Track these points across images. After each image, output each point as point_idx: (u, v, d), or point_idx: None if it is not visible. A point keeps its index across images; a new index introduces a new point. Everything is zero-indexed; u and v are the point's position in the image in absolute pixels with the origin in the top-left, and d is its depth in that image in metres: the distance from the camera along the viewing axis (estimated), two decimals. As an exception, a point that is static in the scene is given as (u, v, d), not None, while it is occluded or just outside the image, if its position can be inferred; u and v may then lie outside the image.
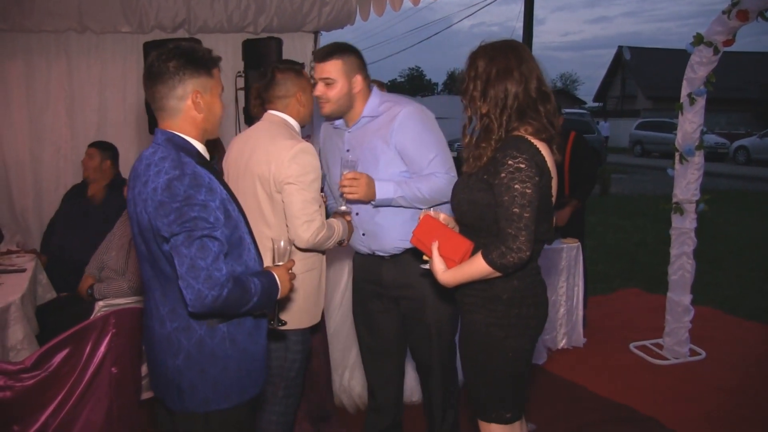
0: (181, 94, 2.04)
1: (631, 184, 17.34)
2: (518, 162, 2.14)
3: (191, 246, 1.89)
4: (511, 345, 2.31)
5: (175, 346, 2.06)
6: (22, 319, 3.45)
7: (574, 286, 5.01)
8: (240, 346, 2.12)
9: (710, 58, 4.46)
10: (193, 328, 2.05)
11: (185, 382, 2.06)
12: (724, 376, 4.53)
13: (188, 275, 1.88)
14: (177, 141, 2.05)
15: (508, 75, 2.23)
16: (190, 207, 1.90)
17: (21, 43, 5.49)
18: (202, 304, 1.90)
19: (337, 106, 2.88)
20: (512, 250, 2.12)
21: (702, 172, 4.72)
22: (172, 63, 2.01)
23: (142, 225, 2.01)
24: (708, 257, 7.94)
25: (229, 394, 2.11)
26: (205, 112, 2.08)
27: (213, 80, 2.10)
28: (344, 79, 2.83)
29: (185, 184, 1.92)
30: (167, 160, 1.97)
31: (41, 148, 5.68)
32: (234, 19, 5.70)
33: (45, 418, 2.83)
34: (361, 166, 2.84)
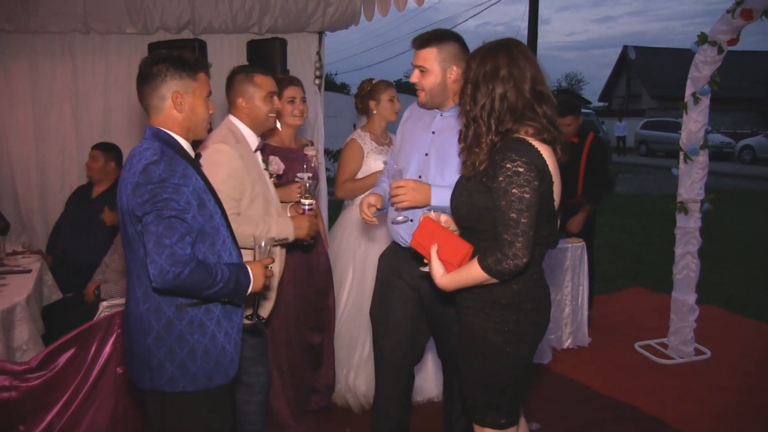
0: (163, 94, 2.20)
1: (636, 184, 17.31)
2: (517, 165, 2.09)
3: (159, 224, 2.01)
4: (508, 351, 2.26)
5: (146, 326, 2.16)
6: (27, 320, 3.46)
7: (579, 285, 5.00)
8: (208, 333, 2.20)
9: (714, 57, 4.46)
10: (162, 310, 2.15)
11: (154, 361, 2.16)
12: (729, 376, 4.52)
13: (153, 251, 2.00)
14: (161, 135, 2.20)
15: (495, 76, 2.18)
16: (163, 189, 2.04)
17: (26, 44, 5.50)
18: (164, 280, 2.00)
19: (430, 96, 2.82)
20: (508, 257, 2.07)
21: (707, 172, 4.71)
22: (157, 66, 2.20)
23: (122, 209, 2.15)
24: (713, 256, 7.92)
25: (196, 378, 2.18)
26: (186, 112, 2.23)
27: (197, 83, 2.25)
28: (439, 68, 2.76)
29: (160, 168, 2.06)
30: (149, 150, 2.12)
31: (46, 148, 5.69)
32: (238, 20, 5.70)
33: (51, 418, 2.86)
34: (445, 149, 2.80)
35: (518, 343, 2.26)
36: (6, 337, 3.30)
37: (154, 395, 2.22)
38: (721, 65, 4.53)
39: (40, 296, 4.08)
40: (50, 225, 5.39)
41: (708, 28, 4.49)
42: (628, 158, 25.93)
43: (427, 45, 2.76)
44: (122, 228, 2.20)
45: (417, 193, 2.68)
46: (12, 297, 3.49)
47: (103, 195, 4.75)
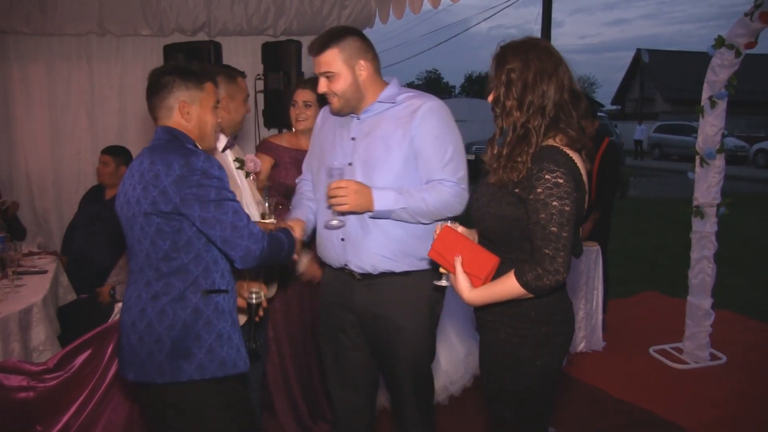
0: (170, 104, 2.24)
1: (650, 187, 17.21)
2: (556, 177, 1.95)
3: (226, 211, 2.10)
4: (537, 365, 2.14)
5: (171, 318, 2.14)
6: (44, 320, 3.48)
7: (594, 289, 4.98)
8: (228, 319, 2.24)
9: (732, 60, 4.42)
10: (188, 298, 2.15)
11: (181, 350, 2.14)
12: (745, 381, 4.49)
13: (233, 236, 2.11)
14: (176, 133, 2.23)
15: (548, 78, 2.03)
16: (209, 178, 2.09)
17: (43, 47, 5.56)
18: (252, 257, 2.15)
19: (344, 100, 2.56)
20: (549, 273, 1.95)
21: (723, 176, 4.68)
22: (164, 77, 2.24)
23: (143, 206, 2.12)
24: (729, 261, 7.84)
25: (225, 363, 2.19)
26: (194, 121, 2.26)
27: (203, 93, 2.27)
28: (346, 68, 2.51)
29: (201, 159, 2.10)
30: (172, 144, 2.17)
31: (62, 150, 5.75)
32: (254, 22, 5.72)
33: (67, 418, 2.86)
34: (368, 157, 2.55)
35: (548, 356, 2.15)
36: (23, 337, 3.31)
37: (171, 389, 2.17)
38: (737, 69, 4.50)
39: (55, 297, 4.09)
40: (65, 226, 5.42)
41: (722, 31, 4.46)
42: (641, 162, 25.81)
43: (326, 47, 2.51)
44: (137, 231, 2.16)
45: (360, 197, 2.41)
46: (29, 298, 3.50)
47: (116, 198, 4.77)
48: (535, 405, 2.21)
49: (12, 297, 3.50)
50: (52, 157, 5.72)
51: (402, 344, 2.64)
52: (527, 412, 2.21)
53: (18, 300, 3.46)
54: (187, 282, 2.15)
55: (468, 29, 52.76)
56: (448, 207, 2.53)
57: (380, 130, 2.57)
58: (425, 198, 2.48)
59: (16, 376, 2.79)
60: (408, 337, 2.64)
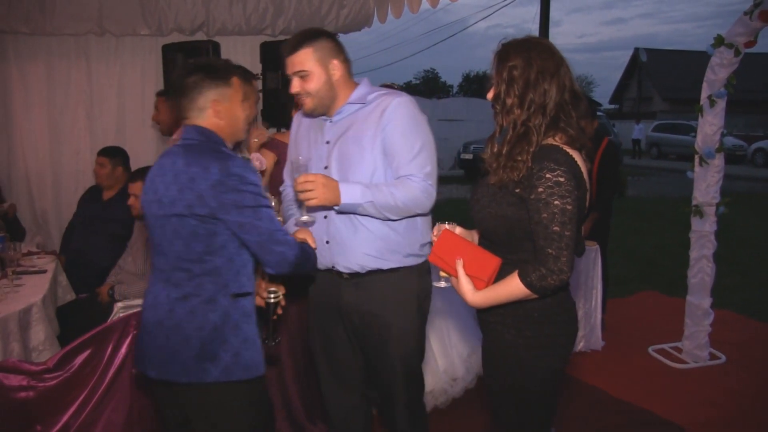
0: (202, 105, 2.21)
1: (648, 187, 17.23)
2: (557, 175, 1.94)
3: (261, 218, 2.12)
4: (542, 365, 2.14)
5: (201, 319, 2.15)
6: (43, 320, 3.48)
7: (592, 288, 4.97)
8: (252, 323, 2.25)
9: (731, 59, 4.42)
10: (218, 301, 2.17)
11: (209, 353, 2.15)
12: (744, 380, 4.48)
13: (269, 242, 2.14)
14: (207, 134, 2.21)
15: (550, 77, 2.03)
16: (246, 184, 2.10)
17: (42, 46, 5.57)
18: (288, 264, 2.18)
19: (318, 99, 2.55)
20: (553, 272, 1.94)
21: (722, 175, 4.67)
22: (191, 78, 2.21)
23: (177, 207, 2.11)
24: (727, 260, 7.85)
25: (248, 367, 2.21)
26: (226, 119, 2.24)
27: (231, 89, 2.25)
28: (320, 67, 2.50)
29: (238, 164, 2.12)
30: (207, 146, 2.16)
31: (60, 149, 5.76)
32: (252, 22, 5.73)
33: (67, 418, 2.86)
34: (342, 158, 2.55)
35: (551, 356, 2.14)
36: (23, 337, 3.31)
37: (195, 390, 2.18)
38: (736, 68, 4.50)
39: (55, 297, 4.09)
40: (64, 225, 5.42)
41: (720, 30, 4.46)
42: (639, 161, 25.85)
43: (300, 47, 2.50)
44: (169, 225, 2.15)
45: (328, 191, 2.38)
46: (28, 297, 3.50)
47: (114, 199, 4.77)
48: (539, 405, 2.21)
49: (11, 297, 3.50)
50: (51, 157, 5.73)
51: (392, 341, 2.65)
52: (530, 413, 2.21)
53: (17, 300, 3.45)
54: (219, 285, 2.16)
55: (466, 28, 52.79)
56: (417, 203, 2.51)
57: (352, 131, 2.56)
58: (393, 193, 2.46)
59: (16, 376, 2.78)
60: (397, 334, 2.64)
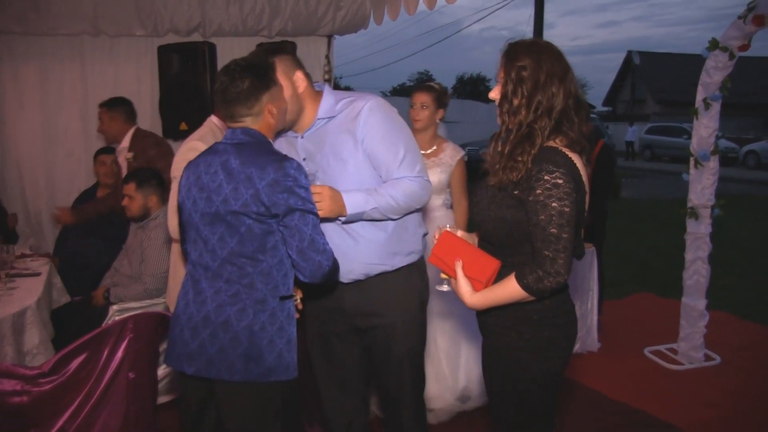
0: (257, 111, 2.25)
1: (641, 189, 17.29)
2: (555, 177, 1.94)
3: (308, 223, 2.17)
4: (541, 368, 2.13)
5: (249, 318, 2.20)
6: (38, 323, 3.45)
7: (589, 290, 4.98)
8: (294, 324, 2.31)
9: (726, 63, 4.44)
10: (268, 301, 2.22)
11: (252, 353, 2.19)
12: (739, 381, 4.50)
13: (309, 249, 2.17)
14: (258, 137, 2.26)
15: (558, 81, 2.03)
16: (299, 187, 2.16)
17: (36, 46, 5.53)
18: (322, 273, 2.20)
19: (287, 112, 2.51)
20: (550, 274, 1.94)
21: (717, 177, 4.70)
22: (241, 83, 2.20)
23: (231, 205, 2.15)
24: (721, 261, 7.87)
25: (288, 368, 2.27)
26: (278, 116, 2.33)
27: (278, 87, 2.32)
28: (286, 80, 2.45)
29: (294, 165, 2.17)
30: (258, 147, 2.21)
31: (54, 151, 5.72)
32: (249, 23, 5.71)
33: (62, 422, 2.85)
34: (325, 174, 2.51)
35: (551, 359, 2.14)
36: (16, 341, 3.29)
37: (236, 387, 2.22)
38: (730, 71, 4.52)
39: (49, 299, 4.07)
40: (58, 227, 5.39)
41: (712, 33, 4.48)
42: (632, 163, 25.96)
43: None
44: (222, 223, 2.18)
45: (334, 202, 2.36)
46: (23, 300, 3.48)
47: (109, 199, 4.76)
48: (539, 408, 2.20)
49: (5, 300, 3.48)
50: (45, 158, 5.69)
51: (397, 339, 2.64)
52: (531, 415, 2.20)
53: (11, 303, 3.44)
54: (269, 285, 2.22)
55: (459, 30, 52.88)
56: (416, 198, 2.53)
57: (328, 144, 2.53)
58: (393, 195, 2.46)
59: (10, 381, 2.77)
60: (402, 332, 2.64)
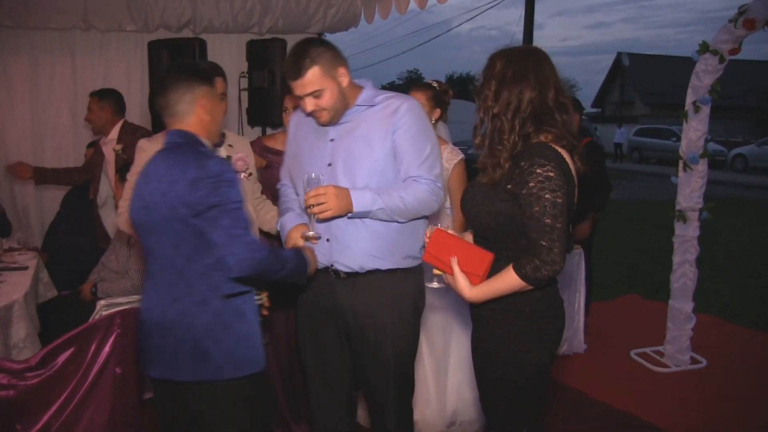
0: (190, 100, 2.31)
1: (630, 190, 17.36)
2: (547, 170, 2.06)
3: (227, 217, 2.15)
4: (532, 359, 2.23)
5: (192, 319, 2.23)
6: (24, 317, 3.45)
7: (576, 292, 5.00)
8: (247, 321, 2.31)
9: (716, 66, 4.47)
10: (209, 301, 2.23)
11: (200, 353, 2.22)
12: (724, 385, 4.53)
13: (228, 243, 2.14)
14: (189, 137, 2.30)
15: (523, 79, 2.15)
16: (221, 182, 2.15)
17: (25, 40, 5.51)
18: (242, 268, 2.16)
19: (334, 111, 2.54)
20: (546, 263, 2.03)
21: (705, 180, 4.72)
22: (182, 74, 2.34)
23: (162, 210, 2.19)
24: (709, 264, 7.93)
25: (242, 364, 2.28)
26: (211, 116, 2.36)
27: (214, 89, 2.42)
28: (330, 81, 2.48)
29: (213, 163, 2.18)
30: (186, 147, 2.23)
31: (43, 145, 5.71)
32: (239, 20, 5.71)
33: (48, 417, 2.84)
34: (350, 156, 2.53)
35: (541, 351, 2.24)
36: (3, 334, 3.29)
37: (195, 387, 2.28)
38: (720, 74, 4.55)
39: (36, 293, 4.06)
40: (46, 222, 5.37)
41: (701, 36, 4.55)
42: (621, 164, 26.10)
43: (306, 69, 2.44)
44: (158, 229, 2.22)
45: (340, 200, 2.38)
46: (10, 294, 3.47)
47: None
48: (529, 397, 2.29)
49: (-8, 294, 3.46)
50: (34, 152, 5.67)
51: (387, 342, 2.62)
52: (521, 404, 2.29)
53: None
54: (210, 286, 2.23)
55: (450, 30, 52.93)
56: (425, 205, 2.52)
57: (361, 129, 2.56)
58: (403, 197, 2.47)
59: (-4, 374, 2.76)
60: (393, 336, 2.62)
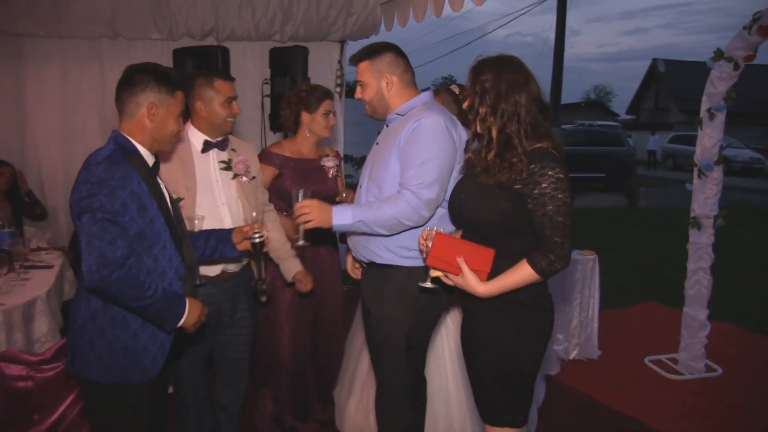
0: (139, 102, 2.29)
1: (661, 198, 17.16)
2: (557, 172, 2.18)
3: (93, 225, 2.08)
4: (529, 350, 2.36)
5: (76, 313, 2.29)
6: (47, 313, 3.59)
7: (590, 298, 5.01)
8: (130, 330, 2.25)
9: (730, 73, 4.47)
10: (91, 300, 2.24)
11: (77, 346, 2.27)
12: (738, 394, 4.49)
13: (85, 250, 2.08)
14: (119, 140, 2.28)
15: (519, 89, 2.23)
16: (100, 189, 2.10)
17: (57, 49, 5.70)
18: (91, 279, 2.07)
19: (372, 108, 2.84)
20: (561, 258, 2.20)
21: (720, 187, 4.71)
22: (140, 74, 2.29)
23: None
24: (734, 273, 7.87)
25: (110, 371, 2.24)
26: (156, 123, 2.31)
27: (173, 99, 2.34)
28: (373, 79, 2.78)
29: (100, 169, 2.12)
30: (102, 152, 2.22)
31: (72, 149, 5.86)
32: (261, 27, 5.82)
33: (63, 409, 2.96)
34: (376, 163, 2.78)
35: (536, 341, 2.38)
36: (26, 328, 3.42)
37: (77, 378, 2.34)
38: (738, 80, 4.54)
39: (60, 291, 4.20)
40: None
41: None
42: (654, 172, 25.73)
43: (360, 60, 2.81)
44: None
45: (321, 213, 2.62)
46: (33, 291, 3.62)
47: None
48: (526, 387, 2.42)
49: (17, 290, 3.61)
50: (63, 156, 5.85)
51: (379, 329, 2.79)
52: (518, 395, 2.41)
53: (23, 292, 3.57)
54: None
55: (483, 36, 52.77)
56: (405, 216, 2.59)
57: (388, 139, 2.76)
58: (388, 210, 2.58)
59: (16, 366, 2.90)
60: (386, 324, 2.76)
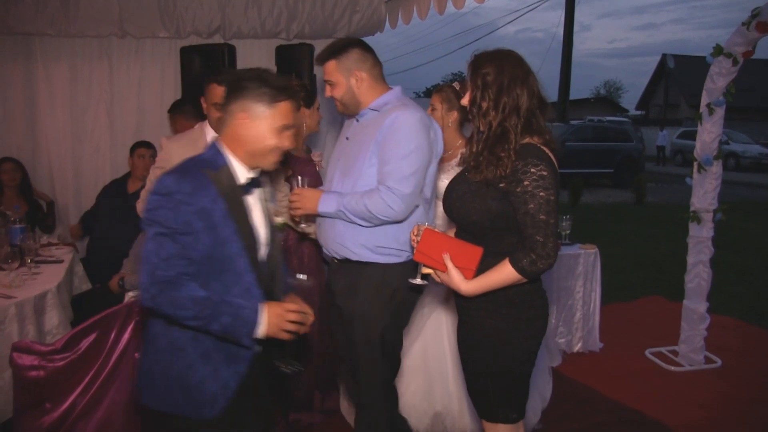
0: (232, 110, 2.11)
1: (669, 193, 17.12)
2: (541, 170, 2.15)
3: (153, 239, 1.98)
4: (521, 347, 2.35)
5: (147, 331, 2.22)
6: (57, 306, 3.69)
7: (591, 291, 5.06)
8: (187, 360, 2.10)
9: (729, 69, 4.51)
10: (155, 321, 2.15)
11: (141, 368, 2.21)
12: (737, 385, 4.55)
13: (143, 266, 1.99)
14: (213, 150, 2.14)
15: (521, 83, 2.23)
16: (166, 202, 1.96)
17: (66, 48, 5.80)
18: (143, 297, 1.99)
19: (343, 105, 2.87)
20: (542, 257, 2.15)
21: (720, 182, 4.75)
22: (239, 81, 2.10)
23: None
24: (739, 267, 7.90)
25: (161, 399, 2.13)
26: (247, 136, 2.09)
27: (271, 110, 2.09)
28: (342, 78, 2.80)
29: (170, 179, 1.99)
30: (193, 158, 2.12)
31: (82, 147, 5.97)
32: (267, 26, 5.91)
33: (74, 397, 3.04)
34: (348, 157, 2.83)
35: (530, 339, 2.36)
36: (38, 321, 3.53)
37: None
38: (745, 76, 4.58)
39: (70, 285, 4.32)
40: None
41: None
42: (663, 168, 25.65)
43: (326, 60, 2.82)
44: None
45: (309, 201, 2.76)
46: (44, 284, 3.72)
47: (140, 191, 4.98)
48: (519, 384, 2.42)
49: (29, 283, 3.72)
50: (73, 153, 5.95)
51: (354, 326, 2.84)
52: (511, 392, 2.41)
53: (34, 286, 3.68)
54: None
55: (493, 31, 52.64)
56: (383, 212, 2.65)
57: (361, 135, 2.82)
58: (365, 203, 2.66)
59: (29, 356, 2.98)
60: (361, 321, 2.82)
